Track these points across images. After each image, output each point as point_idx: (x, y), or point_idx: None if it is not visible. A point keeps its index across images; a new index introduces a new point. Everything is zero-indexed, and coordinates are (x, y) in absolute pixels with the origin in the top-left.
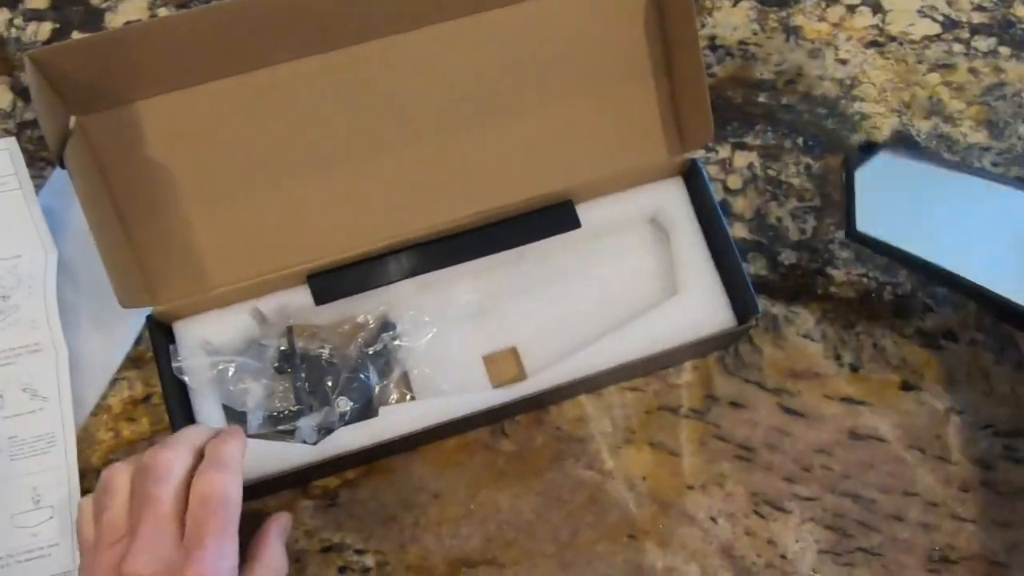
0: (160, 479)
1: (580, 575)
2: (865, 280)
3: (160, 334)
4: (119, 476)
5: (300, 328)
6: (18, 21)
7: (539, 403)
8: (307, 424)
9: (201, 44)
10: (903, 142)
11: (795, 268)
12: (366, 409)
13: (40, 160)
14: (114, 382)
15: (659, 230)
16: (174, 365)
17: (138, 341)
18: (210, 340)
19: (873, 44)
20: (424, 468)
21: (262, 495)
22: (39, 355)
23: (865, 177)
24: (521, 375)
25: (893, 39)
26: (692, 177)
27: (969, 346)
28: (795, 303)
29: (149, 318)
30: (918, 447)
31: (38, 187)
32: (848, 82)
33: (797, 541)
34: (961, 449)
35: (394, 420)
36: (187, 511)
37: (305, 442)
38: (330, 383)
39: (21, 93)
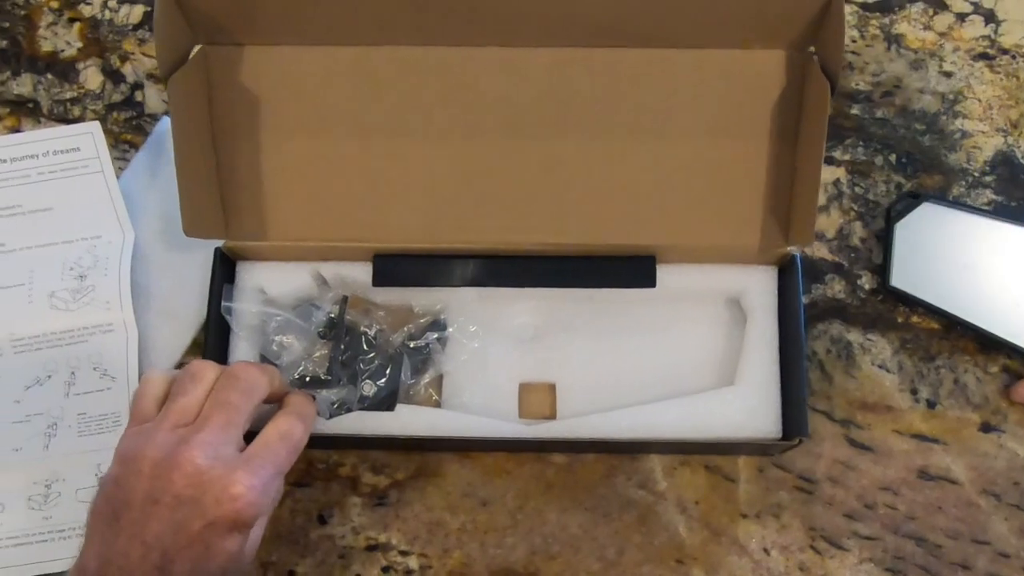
0: (244, 391)
1: None
2: (950, 311)
3: (223, 269)
4: (208, 371)
5: (356, 300)
6: (112, 4)
7: (558, 447)
8: (326, 398)
9: (333, 7)
10: (1006, 164)
11: (876, 293)
12: (388, 399)
13: (124, 142)
14: (179, 367)
15: (737, 313)
16: (223, 305)
17: (204, 327)
18: (266, 289)
19: (982, 56)
20: (473, 475)
21: None
22: (111, 335)
23: (905, 229)
24: (552, 413)
25: (1005, 52)
26: (787, 273)
27: None
28: (872, 331)
29: (217, 251)
30: (993, 493)
31: (120, 169)
32: (951, 96)
33: None
34: None
35: (406, 420)
36: (259, 437)
37: (319, 415)
38: (363, 364)
39: (111, 75)
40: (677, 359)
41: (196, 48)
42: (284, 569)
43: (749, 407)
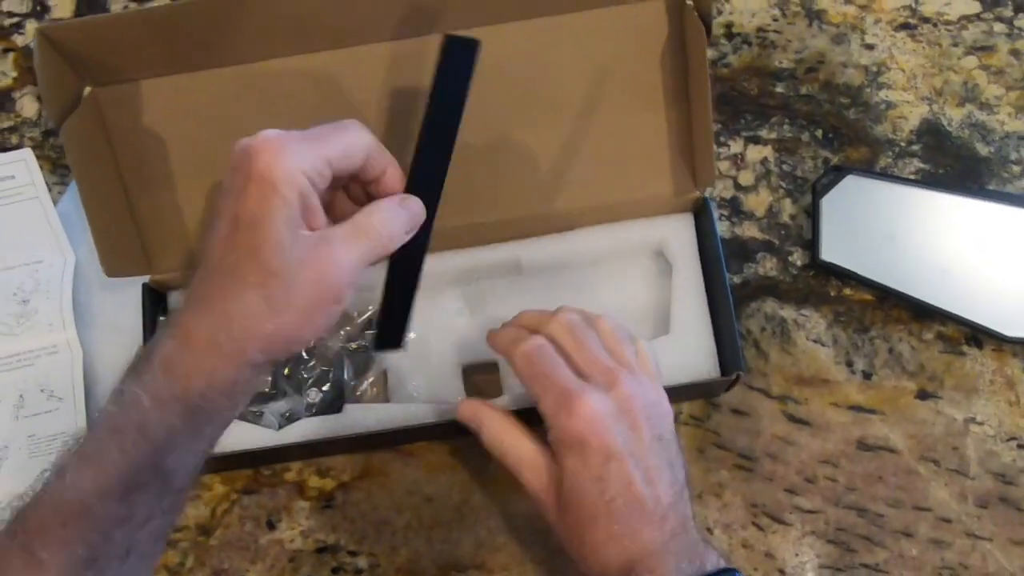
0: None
1: None
2: (881, 282)
3: (152, 303)
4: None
5: None
6: None
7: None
8: (273, 409)
9: (210, 32)
10: (932, 132)
11: (807, 269)
12: (335, 403)
13: (62, 167)
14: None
15: (664, 265)
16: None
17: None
18: None
19: (904, 27)
20: (417, 472)
21: (218, 471)
22: (55, 357)
23: (831, 203)
24: (499, 391)
25: (927, 20)
26: (701, 217)
27: (994, 352)
28: (805, 306)
29: (144, 286)
30: (932, 459)
31: (59, 193)
32: (874, 69)
33: (796, 555)
34: (980, 462)
35: (356, 418)
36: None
37: (268, 427)
38: (305, 373)
39: None
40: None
41: (87, 91)
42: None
43: (686, 352)
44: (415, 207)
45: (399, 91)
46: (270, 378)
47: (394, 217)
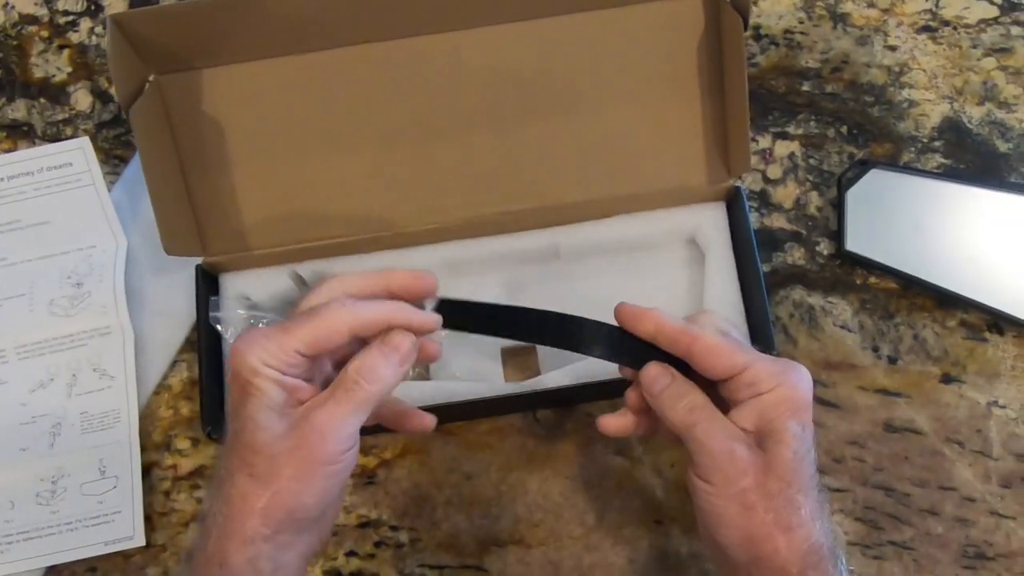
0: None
1: (605, 557)
2: (905, 271)
3: (205, 285)
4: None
5: None
6: (99, 30)
7: (548, 401)
8: None
9: (274, 22)
10: (953, 129)
11: (834, 258)
12: None
13: (115, 157)
14: (174, 364)
15: (696, 252)
16: (211, 315)
17: (197, 325)
18: (250, 296)
19: (925, 29)
20: (457, 450)
21: None
22: (108, 338)
23: (856, 196)
24: (536, 372)
25: (947, 23)
26: (734, 205)
27: (1015, 339)
28: (832, 294)
29: (197, 268)
30: (956, 441)
31: (112, 182)
32: (897, 69)
33: None
34: (1003, 444)
35: (401, 395)
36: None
37: None
38: None
39: (100, 96)
40: (647, 303)
41: (151, 78)
42: None
43: None
44: (400, 347)
45: (456, 83)
46: None
47: (375, 363)
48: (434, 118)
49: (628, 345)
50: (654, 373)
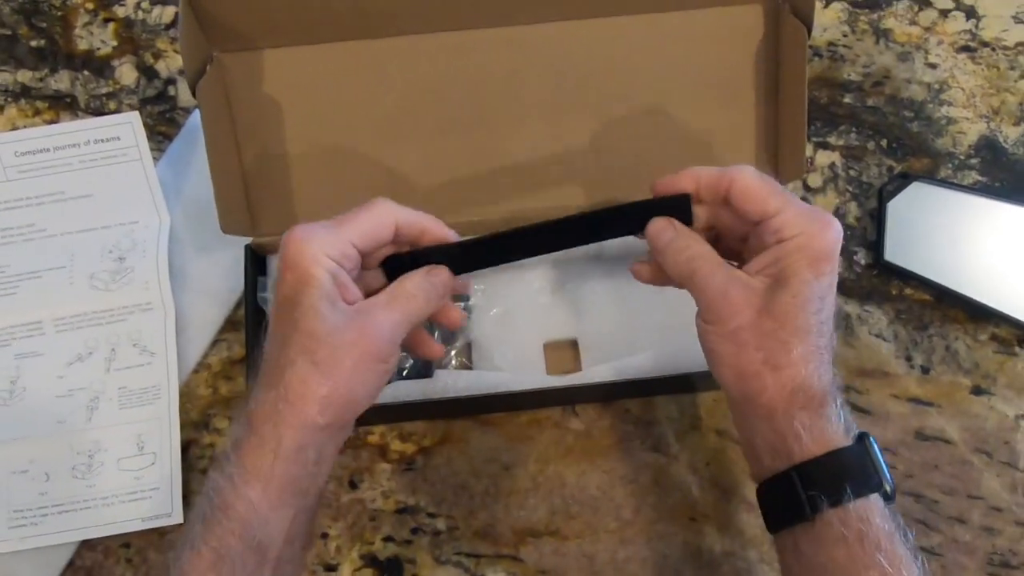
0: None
1: (639, 552)
2: (941, 283)
3: (254, 265)
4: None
5: None
6: (145, 5)
7: (588, 396)
8: None
9: (338, 6)
10: (989, 147)
11: (871, 268)
12: (425, 368)
13: (158, 134)
14: (215, 343)
15: None
16: (259, 295)
17: (238, 305)
18: None
19: (965, 49)
20: (496, 440)
21: None
22: (149, 314)
23: (897, 207)
24: (577, 367)
25: (986, 44)
26: None
27: None
28: (868, 302)
29: (246, 248)
30: (985, 451)
31: (156, 159)
32: (936, 86)
33: None
34: None
35: (447, 383)
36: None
37: None
38: None
39: (145, 72)
40: (688, 303)
41: (215, 55)
42: (318, 532)
43: None
44: (441, 277)
45: (515, 77)
46: None
47: (424, 285)
48: (491, 111)
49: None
50: (659, 226)
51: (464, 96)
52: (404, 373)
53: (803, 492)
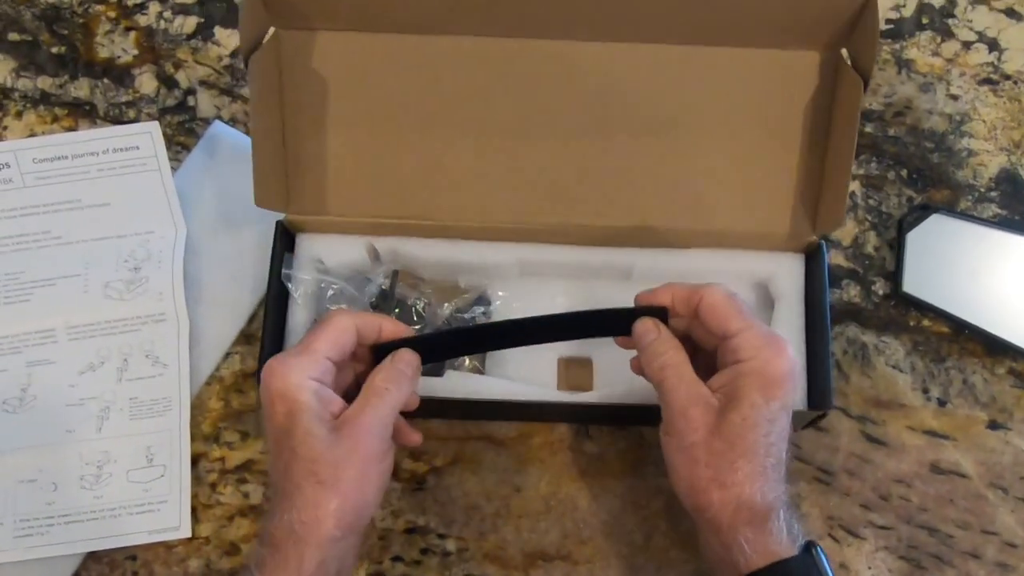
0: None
1: None
2: (959, 315)
3: (283, 240)
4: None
5: (405, 274)
6: (167, 14)
7: (601, 417)
8: None
9: None
10: (1009, 181)
11: (889, 298)
12: (436, 367)
13: (176, 144)
14: (227, 356)
15: (764, 297)
16: (284, 271)
17: (251, 318)
18: (323, 260)
19: (987, 81)
20: (508, 462)
21: None
22: (163, 325)
23: (916, 239)
24: (589, 386)
25: (1008, 77)
26: (814, 260)
27: None
28: (886, 333)
29: (278, 223)
30: (1001, 487)
31: (173, 169)
32: (958, 118)
33: (869, 568)
34: None
35: (456, 384)
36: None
37: None
38: None
39: (165, 81)
40: None
41: (271, 31)
42: None
43: None
44: (405, 359)
45: (563, 91)
46: None
47: (392, 375)
48: (534, 121)
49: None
50: (645, 327)
51: (510, 103)
52: None
53: None
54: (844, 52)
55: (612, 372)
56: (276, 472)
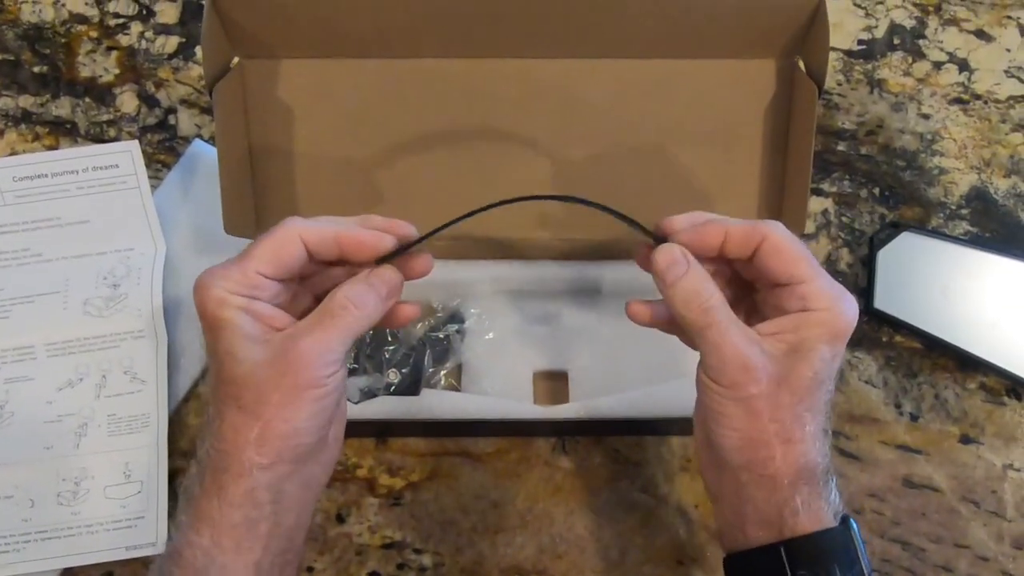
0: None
1: None
2: (930, 332)
3: None
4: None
5: None
6: (149, 34)
7: (576, 431)
8: (355, 384)
9: (360, 23)
10: (980, 198)
11: (861, 315)
12: (413, 386)
13: (157, 162)
14: (205, 372)
15: None
16: None
17: None
18: None
19: (957, 101)
20: (485, 477)
21: None
22: (141, 341)
23: (887, 256)
24: (565, 400)
25: (978, 97)
26: None
27: None
28: (859, 349)
29: None
30: (973, 500)
31: (154, 188)
32: (929, 137)
33: None
34: (1017, 507)
35: (432, 403)
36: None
37: (348, 400)
38: (387, 354)
39: (146, 100)
40: (681, 348)
41: (235, 61)
42: (303, 566)
43: None
44: (384, 276)
45: (526, 109)
46: (352, 355)
47: (362, 291)
48: (497, 139)
49: None
50: (671, 257)
51: (473, 122)
52: (392, 389)
53: (790, 569)
54: (799, 60)
55: (587, 384)
56: (209, 395)
